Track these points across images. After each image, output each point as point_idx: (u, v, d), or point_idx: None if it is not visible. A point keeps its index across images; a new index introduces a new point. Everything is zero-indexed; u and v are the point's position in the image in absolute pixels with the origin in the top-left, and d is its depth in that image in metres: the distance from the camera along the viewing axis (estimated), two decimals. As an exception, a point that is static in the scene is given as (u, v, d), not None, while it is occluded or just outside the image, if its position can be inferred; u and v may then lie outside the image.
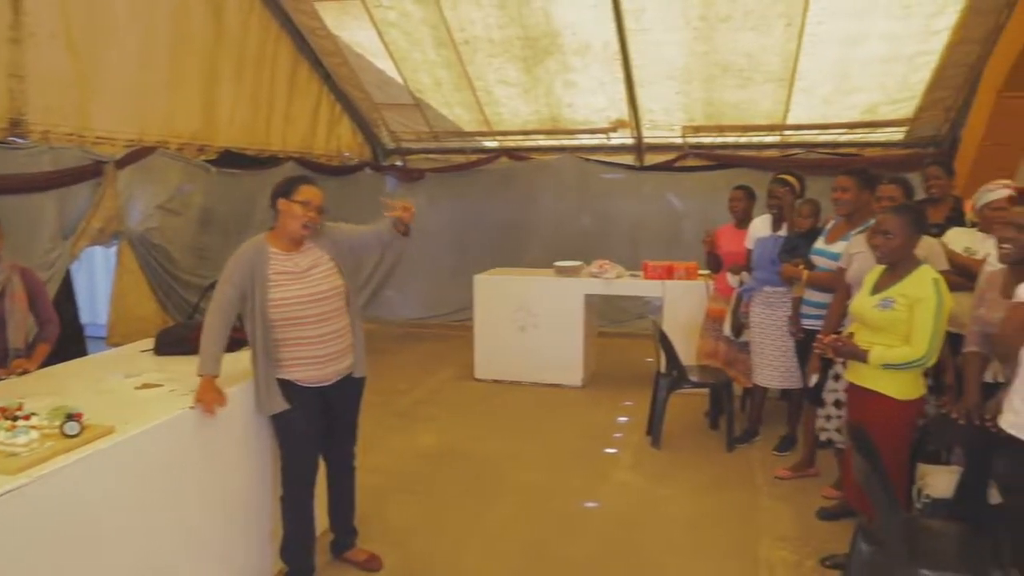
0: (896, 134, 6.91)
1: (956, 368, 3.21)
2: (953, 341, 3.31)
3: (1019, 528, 2.48)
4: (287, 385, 2.92)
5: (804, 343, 3.94)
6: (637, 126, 7.24)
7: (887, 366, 2.87)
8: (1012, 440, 2.43)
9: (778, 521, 3.81)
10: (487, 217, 8.21)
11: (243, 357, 3.06)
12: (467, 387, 6.15)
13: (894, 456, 2.92)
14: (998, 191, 3.36)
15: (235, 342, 3.07)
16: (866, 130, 6.91)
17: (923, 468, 3.08)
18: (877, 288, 3.00)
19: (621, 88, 6.84)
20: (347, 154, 8.31)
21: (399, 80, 7.54)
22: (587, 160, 7.72)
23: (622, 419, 5.35)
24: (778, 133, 7.12)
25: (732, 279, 4.76)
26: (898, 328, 2.87)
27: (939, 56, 6.03)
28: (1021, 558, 2.47)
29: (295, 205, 2.85)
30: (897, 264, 2.94)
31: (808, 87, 6.53)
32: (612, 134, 7.48)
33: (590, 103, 7.20)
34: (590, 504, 4.05)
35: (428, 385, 6.23)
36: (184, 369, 3.03)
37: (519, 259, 7.49)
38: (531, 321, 6.05)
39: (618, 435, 5.05)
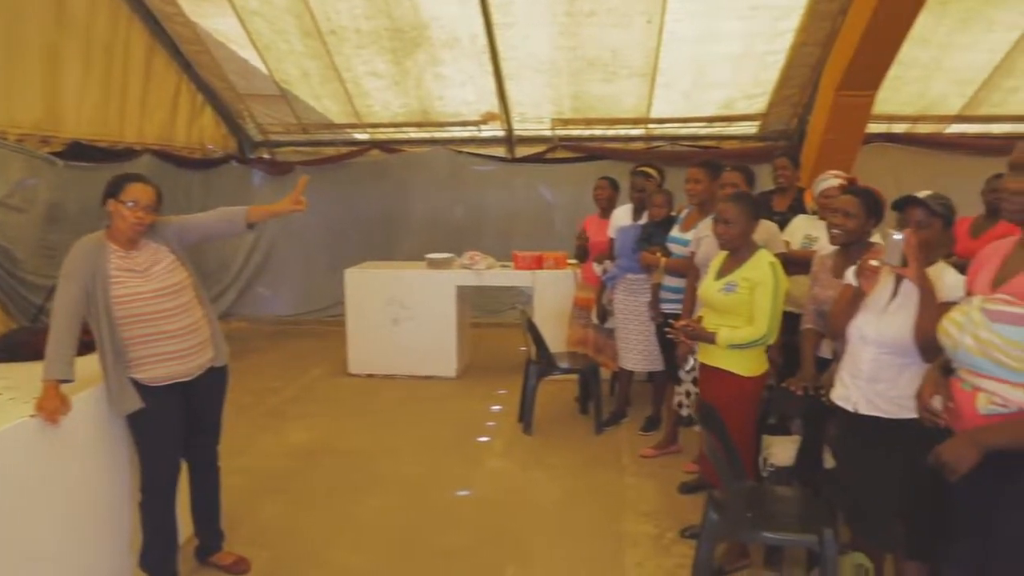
0: (751, 128, 7.32)
1: (791, 345, 3.46)
2: (790, 320, 3.57)
3: (848, 489, 2.70)
4: (143, 384, 2.81)
5: (664, 327, 4.12)
6: (507, 119, 7.33)
7: (733, 346, 3.05)
8: (841, 410, 2.64)
9: (642, 497, 3.98)
10: (360, 211, 8.08)
11: (95, 360, 2.90)
12: (341, 383, 6.05)
13: (742, 429, 3.11)
14: (829, 181, 3.63)
15: (85, 345, 2.90)
16: (724, 124, 7.28)
17: (767, 439, 3.29)
18: (721, 273, 3.18)
19: (491, 81, 6.89)
20: (211, 147, 7.97)
21: (264, 70, 7.30)
22: (459, 152, 7.75)
23: (495, 408, 5.42)
24: (643, 126, 7.39)
25: (597, 267, 4.92)
26: (741, 310, 3.06)
27: (786, 56, 6.43)
28: (851, 516, 2.69)
29: (122, 205, 2.75)
30: (738, 250, 3.13)
31: (669, 82, 6.80)
32: (483, 127, 7.53)
33: (460, 96, 7.22)
34: (462, 492, 4.08)
35: (301, 382, 6.09)
36: (27, 375, 2.84)
37: (393, 252, 7.44)
38: (404, 314, 6.03)
39: (491, 423, 5.12)
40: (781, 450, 3.22)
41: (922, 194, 2.49)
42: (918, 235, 2.40)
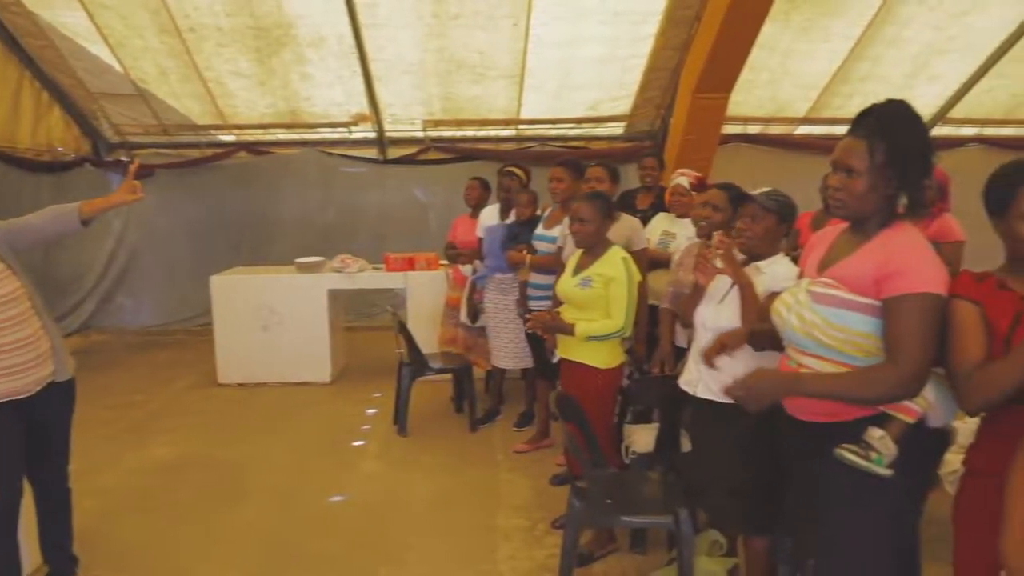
0: (617, 129, 7.58)
1: (654, 336, 3.63)
2: (654, 313, 3.75)
3: (701, 468, 2.84)
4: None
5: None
6: (378, 120, 7.26)
7: (592, 338, 3.16)
8: (689, 394, 2.79)
9: (515, 492, 4.06)
10: (227, 215, 7.80)
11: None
12: (209, 394, 5.83)
13: (602, 419, 3.24)
14: (678, 179, 3.83)
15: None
16: (591, 125, 7.50)
17: (628, 428, 3.45)
18: (577, 269, 3.30)
19: (360, 82, 6.81)
20: (60, 148, 7.47)
21: (118, 68, 6.92)
22: (329, 154, 7.61)
23: (370, 411, 5.38)
24: (513, 127, 7.51)
25: (465, 267, 4.97)
26: (598, 304, 3.17)
27: (647, 60, 6.69)
28: (698, 495, 2.84)
29: None
30: (593, 246, 3.25)
31: (537, 84, 6.94)
32: (354, 128, 7.43)
33: (329, 97, 7.09)
34: (336, 498, 4.04)
35: (166, 395, 5.82)
36: None
37: (264, 257, 7.21)
38: (274, 320, 5.88)
39: (366, 427, 5.08)
40: (641, 437, 3.38)
41: (758, 191, 2.67)
42: (753, 228, 2.58)
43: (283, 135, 7.60)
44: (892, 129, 1.98)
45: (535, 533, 3.62)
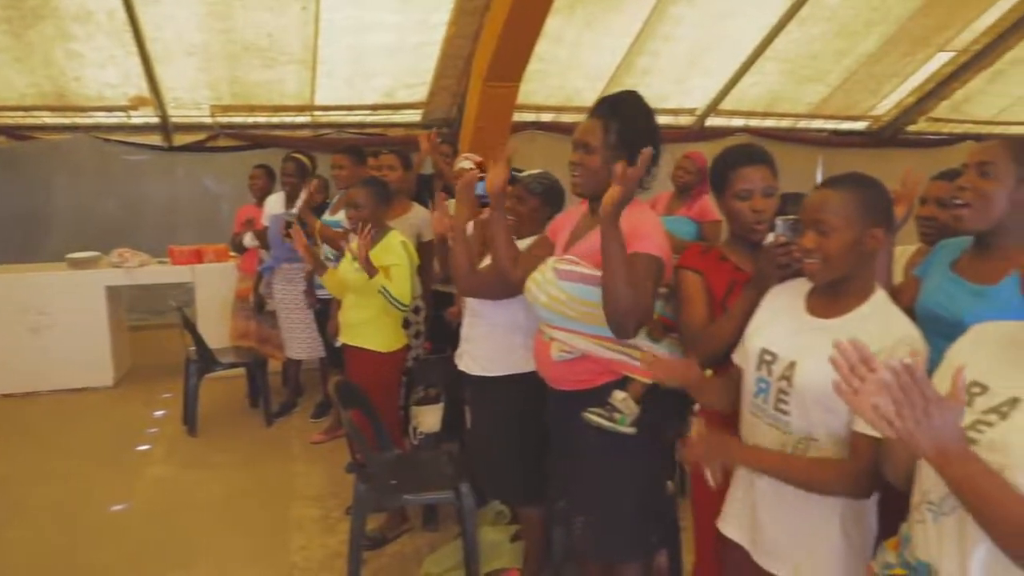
0: (414, 116, 7.60)
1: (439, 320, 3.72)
2: (439, 298, 3.85)
3: (478, 442, 2.96)
4: None
5: (322, 312, 4.18)
6: (161, 104, 6.79)
7: (383, 291, 3.13)
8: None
9: (310, 482, 4.02)
10: (-13, 208, 7.01)
11: None
12: (-31, 408, 5.24)
13: (388, 402, 3.28)
14: (461, 163, 3.92)
15: None
16: (388, 112, 7.46)
17: (415, 409, 3.51)
18: (357, 254, 3.31)
19: (137, 63, 6.33)
20: None
21: None
22: (106, 140, 7.01)
23: (159, 413, 5.08)
24: (308, 114, 7.31)
25: (249, 239, 4.80)
26: (376, 289, 3.19)
27: (440, 48, 6.75)
28: (475, 468, 2.96)
29: None
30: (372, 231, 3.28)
31: (331, 70, 6.80)
32: (133, 112, 6.90)
33: (102, 77, 6.53)
34: (118, 507, 3.80)
35: (-87, 412, 5.17)
36: None
37: (34, 254, 6.53)
38: (44, 322, 5.37)
39: (153, 430, 4.79)
40: (427, 418, 3.46)
41: (525, 173, 2.80)
42: (518, 209, 2.71)
43: (50, 118, 6.89)
44: (624, 113, 2.17)
45: (329, 521, 3.61)
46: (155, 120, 6.98)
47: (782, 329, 1.69)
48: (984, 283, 1.81)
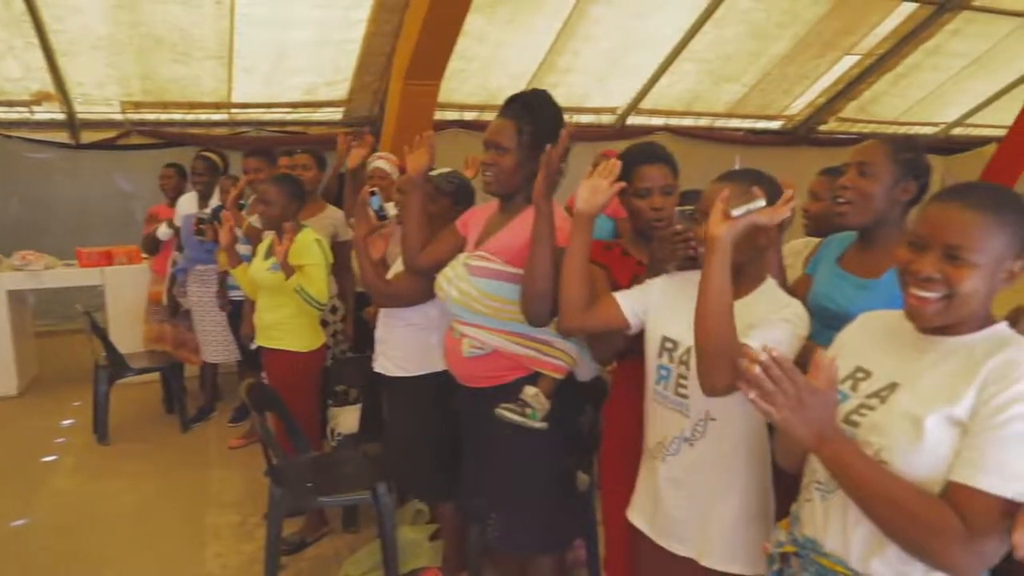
0: (336, 114, 7.49)
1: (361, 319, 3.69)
2: (360, 298, 3.82)
3: (397, 442, 2.94)
4: None
5: (235, 314, 4.09)
6: (67, 100, 6.52)
7: (300, 290, 3.10)
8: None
9: (227, 488, 3.93)
10: None
11: None
12: None
13: (305, 403, 3.23)
14: (377, 162, 3.91)
15: None
16: (309, 109, 7.34)
17: (333, 410, 3.48)
18: (269, 253, 3.25)
19: (39, 56, 6.06)
20: None
21: None
22: (8, 137, 6.69)
23: (67, 422, 4.88)
24: (225, 111, 7.13)
25: (164, 231, 4.68)
26: (288, 288, 3.14)
27: (360, 45, 6.68)
28: (397, 466, 2.95)
29: None
30: (282, 229, 3.22)
31: (249, 66, 6.65)
32: (36, 108, 6.60)
33: (1, 70, 6.23)
34: (19, 522, 3.62)
35: None
36: None
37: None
38: (-61, 330, 5.10)
39: (61, 440, 4.60)
40: (346, 419, 3.43)
41: (435, 172, 2.80)
42: (429, 209, 2.71)
43: (-58, 114, 6.55)
44: (537, 114, 2.20)
45: (246, 527, 3.54)
46: (61, 116, 6.69)
47: (682, 317, 1.74)
48: (868, 276, 1.91)
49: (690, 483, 1.75)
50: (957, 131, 10.83)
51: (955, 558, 1.18)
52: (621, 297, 1.87)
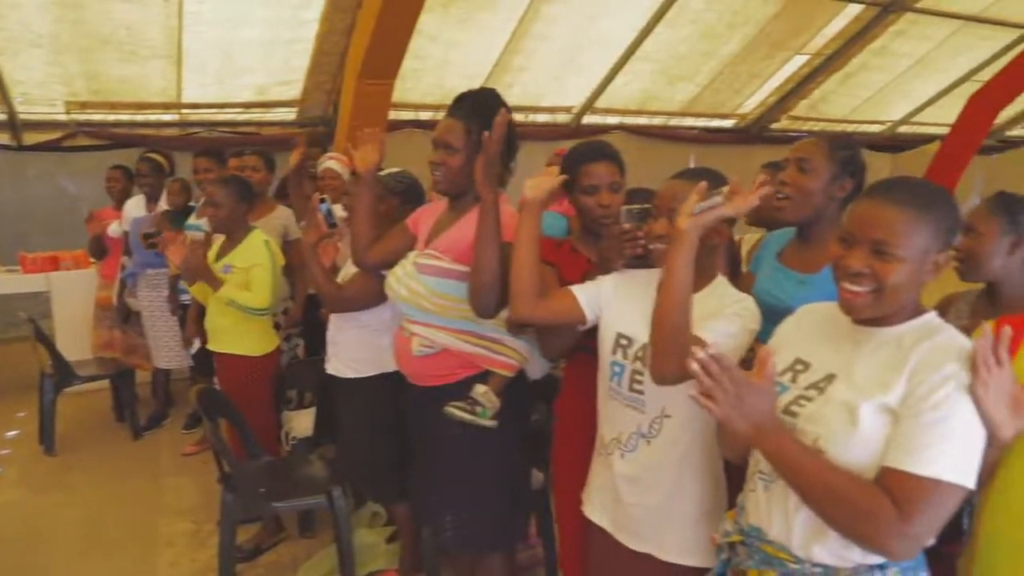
0: (289, 114, 7.39)
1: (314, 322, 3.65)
2: (313, 301, 3.78)
3: (352, 444, 2.91)
4: None
5: (186, 318, 4.01)
6: (7, 100, 6.32)
7: (232, 303, 3.07)
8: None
9: (180, 496, 3.86)
10: None
11: None
12: None
13: (259, 408, 3.19)
14: (328, 163, 3.87)
15: None
16: (262, 110, 7.23)
17: (287, 415, 3.44)
18: (219, 255, 3.21)
19: (-24, 54, 5.88)
20: None
21: None
22: (-55, 139, 6.49)
23: (11, 433, 4.74)
24: (175, 111, 6.99)
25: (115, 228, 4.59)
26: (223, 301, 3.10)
27: (313, 44, 6.60)
28: (351, 469, 2.93)
29: None
30: (233, 232, 3.17)
31: (198, 66, 6.51)
32: (-26, 109, 6.41)
33: (-63, 70, 6.03)
34: (-39, 538, 3.52)
35: None
36: None
37: None
38: None
39: (4, 452, 4.47)
40: (300, 422, 3.39)
41: (384, 172, 2.78)
42: (378, 209, 2.69)
43: None
44: (486, 113, 2.19)
45: (200, 535, 3.48)
46: (2, 117, 6.48)
47: (636, 314, 1.76)
48: (807, 272, 1.95)
49: (648, 480, 1.77)
50: (903, 129, 11.11)
51: (888, 540, 1.22)
52: (577, 291, 1.87)
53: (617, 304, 1.85)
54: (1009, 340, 1.27)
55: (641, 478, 1.78)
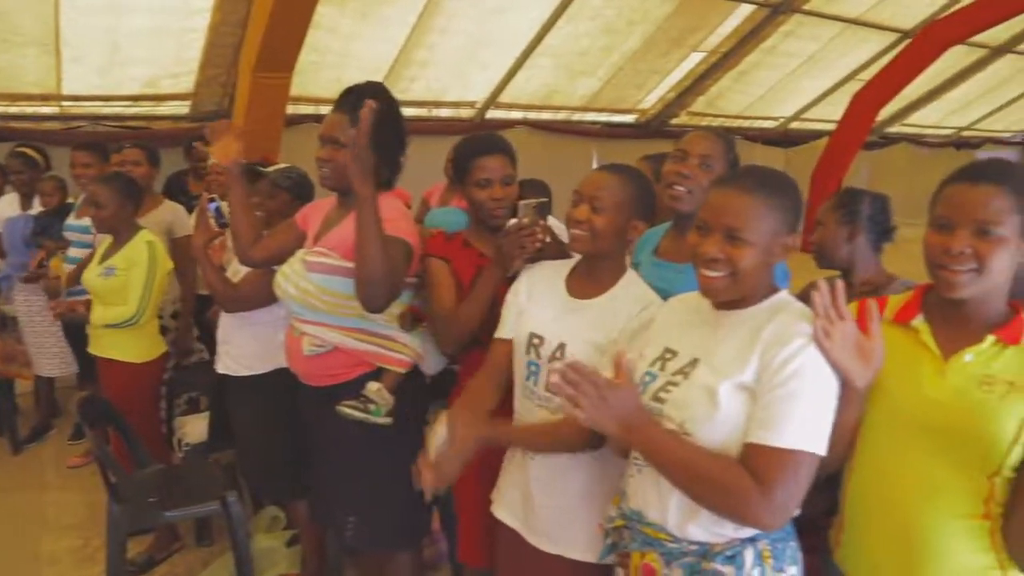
0: (182, 108, 7.09)
1: (205, 323, 3.51)
2: (204, 302, 3.64)
3: (247, 444, 2.83)
4: None
5: (73, 326, 3.80)
6: None
7: (109, 326, 2.94)
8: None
9: (66, 511, 3.66)
10: None
11: None
12: None
13: (146, 415, 3.06)
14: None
15: None
16: (151, 103, 6.92)
17: (180, 420, 3.31)
18: (104, 257, 3.05)
19: None
20: None
21: None
22: None
23: None
24: (56, 104, 6.60)
25: None
26: (120, 294, 2.96)
27: (205, 35, 6.35)
28: (245, 471, 2.85)
29: None
30: (117, 232, 3.03)
31: (79, 56, 6.16)
32: None
33: None
34: None
35: None
36: None
37: None
38: None
39: None
40: (194, 428, 3.27)
41: (272, 168, 2.71)
42: (267, 204, 2.62)
43: None
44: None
45: (88, 550, 3.31)
46: None
47: (547, 312, 1.78)
48: (685, 262, 2.00)
49: (559, 483, 1.77)
50: (795, 125, 11.63)
51: (754, 513, 1.28)
52: (504, 332, 1.88)
53: (529, 304, 1.86)
54: (871, 312, 1.36)
55: (553, 482, 1.78)
